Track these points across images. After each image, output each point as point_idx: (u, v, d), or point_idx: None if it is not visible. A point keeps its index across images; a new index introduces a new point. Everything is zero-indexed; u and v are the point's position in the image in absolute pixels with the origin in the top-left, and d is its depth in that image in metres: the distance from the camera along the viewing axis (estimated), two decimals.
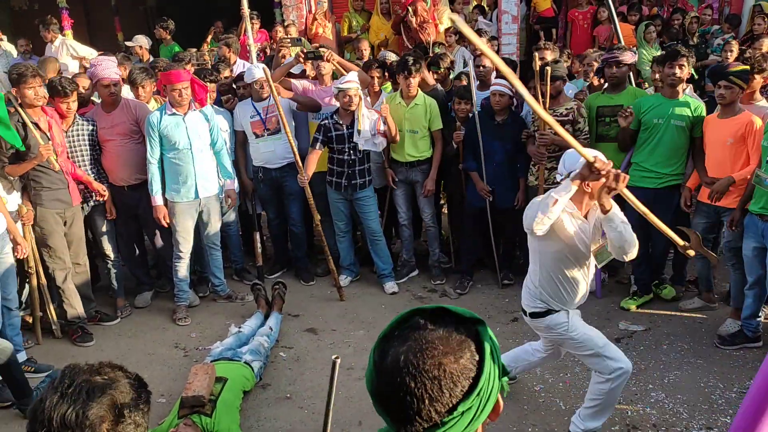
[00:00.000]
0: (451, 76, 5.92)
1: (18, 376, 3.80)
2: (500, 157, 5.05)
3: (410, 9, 6.84)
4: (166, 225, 4.96)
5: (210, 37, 8.96)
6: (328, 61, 5.29)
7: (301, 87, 5.51)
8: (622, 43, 4.86)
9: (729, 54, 6.32)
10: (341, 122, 5.06)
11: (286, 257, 5.92)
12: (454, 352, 1.02)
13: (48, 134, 4.44)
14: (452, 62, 5.98)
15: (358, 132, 4.99)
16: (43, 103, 4.44)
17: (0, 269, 4.12)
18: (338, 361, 1.60)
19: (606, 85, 5.14)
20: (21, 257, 4.32)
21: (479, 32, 6.52)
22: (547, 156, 4.76)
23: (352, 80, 4.95)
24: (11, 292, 4.24)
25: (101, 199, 4.91)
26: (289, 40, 5.85)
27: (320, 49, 5.33)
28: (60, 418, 1.29)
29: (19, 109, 4.34)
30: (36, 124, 4.38)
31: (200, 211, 5.05)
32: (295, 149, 4.95)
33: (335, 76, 5.43)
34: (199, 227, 5.17)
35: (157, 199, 4.90)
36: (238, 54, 7.13)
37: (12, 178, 4.43)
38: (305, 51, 5.30)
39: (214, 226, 5.18)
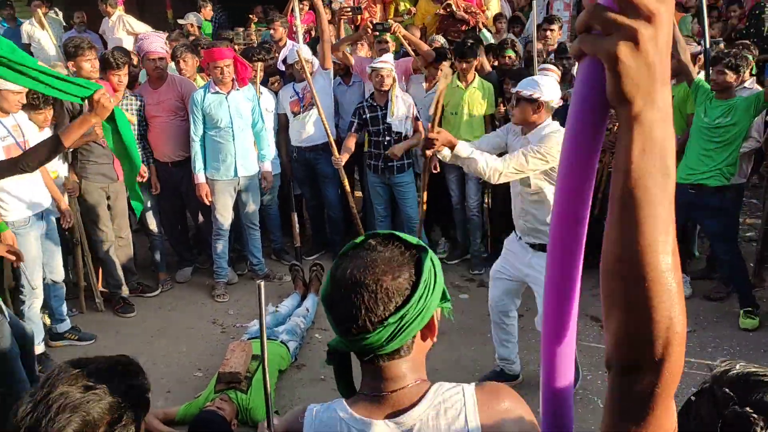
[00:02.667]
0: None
1: (29, 362, 3.68)
2: None
3: (452, 2, 6.74)
4: (208, 203, 5.01)
5: (254, 21, 8.95)
6: (395, 33, 5.28)
7: (360, 61, 5.52)
8: (707, 38, 4.65)
9: None
10: (376, 103, 5.05)
11: (324, 239, 5.94)
12: (393, 271, 1.14)
13: None
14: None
15: (391, 114, 4.97)
16: (98, 76, 4.52)
17: (46, 242, 4.23)
18: (262, 283, 2.15)
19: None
20: (66, 227, 4.42)
21: (552, 18, 6.40)
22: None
23: (386, 60, 4.94)
24: (57, 265, 4.35)
25: (140, 180, 4.95)
26: (349, 9, 5.84)
27: (388, 21, 5.34)
28: (26, 430, 1.24)
29: None
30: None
31: (239, 190, 5.09)
32: (329, 129, 4.94)
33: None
34: (238, 206, 5.21)
35: (200, 177, 4.95)
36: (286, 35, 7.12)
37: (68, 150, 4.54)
38: (374, 23, 5.32)
39: (252, 205, 5.21)
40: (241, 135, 4.93)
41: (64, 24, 8.72)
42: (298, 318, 4.49)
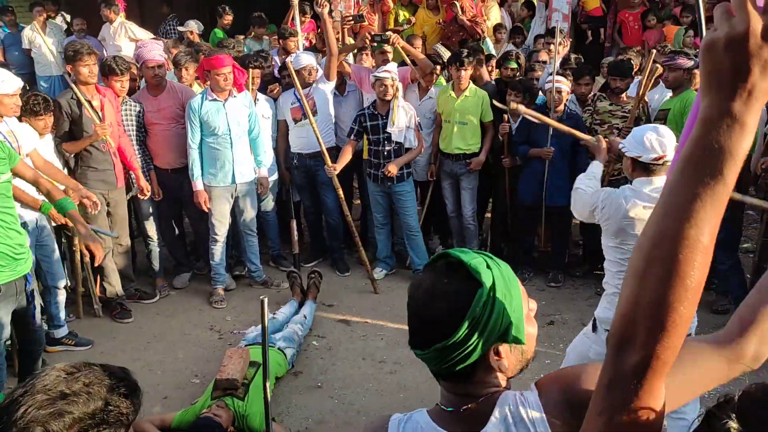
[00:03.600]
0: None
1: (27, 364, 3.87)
2: (555, 154, 5.01)
3: (458, 5, 6.77)
4: (206, 209, 5.02)
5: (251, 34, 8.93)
6: (394, 45, 5.32)
7: (359, 72, 5.56)
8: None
9: None
10: (377, 112, 5.07)
11: (322, 247, 5.95)
12: (441, 303, 1.14)
13: (100, 113, 4.53)
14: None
15: (392, 123, 4.99)
16: (96, 81, 4.54)
17: (43, 250, 4.24)
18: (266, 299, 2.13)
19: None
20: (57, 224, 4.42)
21: (553, 31, 6.45)
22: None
23: (389, 70, 4.97)
24: (58, 271, 4.35)
25: (141, 196, 4.94)
26: (351, 18, 5.88)
27: (387, 33, 5.40)
28: None
29: (74, 86, 4.44)
30: (89, 102, 4.48)
31: (236, 196, 5.10)
32: (321, 138, 4.97)
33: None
34: (235, 213, 5.22)
35: (198, 184, 4.95)
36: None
37: (68, 155, 4.57)
38: (372, 34, 5.36)
39: (250, 212, 5.22)
40: (238, 142, 4.94)
41: (70, 28, 8.73)
42: (296, 325, 4.49)
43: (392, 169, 5.06)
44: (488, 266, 1.17)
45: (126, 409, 1.26)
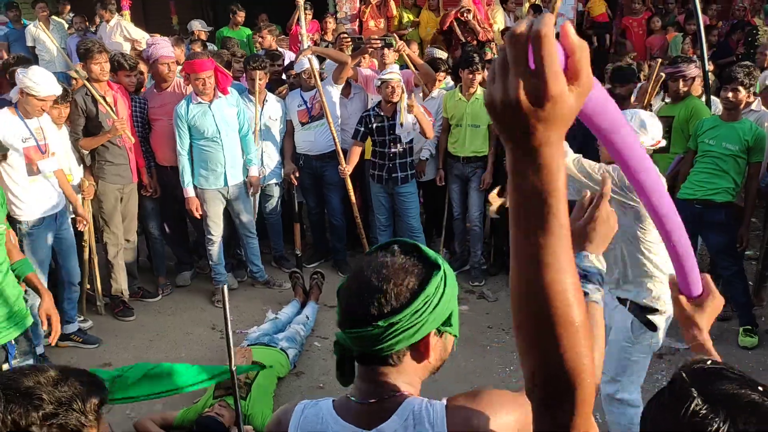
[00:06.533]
0: None
1: None
2: None
3: (467, 8, 6.78)
4: (198, 216, 4.99)
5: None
6: (399, 51, 5.33)
7: (364, 74, 5.57)
8: (706, 62, 4.69)
9: None
10: (383, 114, 5.07)
11: (325, 247, 5.94)
12: (399, 277, 1.17)
13: (114, 109, 4.57)
14: None
15: (400, 125, 4.99)
16: (108, 78, 4.58)
17: (61, 244, 4.25)
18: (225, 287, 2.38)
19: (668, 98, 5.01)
20: (81, 229, 4.44)
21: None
22: None
23: (394, 72, 4.97)
24: (74, 267, 4.36)
25: (145, 193, 5.00)
26: (348, 38, 5.92)
27: (390, 35, 5.45)
28: None
29: (87, 83, 4.47)
30: (104, 98, 4.51)
31: (230, 199, 5.06)
32: (337, 138, 4.97)
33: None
34: (231, 215, 5.21)
35: (189, 191, 4.91)
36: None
37: (85, 152, 4.59)
38: (377, 37, 5.42)
39: (246, 214, 5.18)
40: (229, 142, 4.90)
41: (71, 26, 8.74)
42: (298, 325, 4.49)
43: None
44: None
45: (90, 409, 1.16)
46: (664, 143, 3.21)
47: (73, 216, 4.45)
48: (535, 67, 0.67)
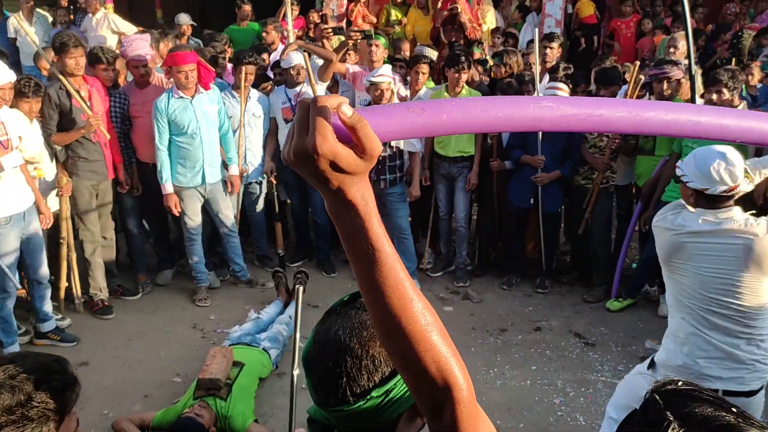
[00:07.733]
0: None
1: None
2: (548, 161, 5.00)
3: (458, 7, 6.74)
4: (176, 214, 4.92)
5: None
6: (377, 46, 5.30)
7: (351, 71, 5.51)
8: (693, 60, 4.68)
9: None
10: None
11: (308, 246, 5.89)
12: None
13: (89, 104, 4.46)
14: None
15: None
16: (83, 73, 4.48)
17: (28, 242, 4.15)
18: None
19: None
20: (45, 227, 4.34)
21: (552, 36, 6.38)
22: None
23: (384, 74, 4.91)
24: (41, 265, 4.26)
25: (121, 190, 4.92)
26: (330, 30, 5.85)
27: (370, 31, 5.40)
28: None
29: (62, 77, 4.37)
30: (78, 92, 4.41)
31: (207, 198, 4.99)
32: None
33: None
34: (210, 214, 5.14)
35: (167, 187, 4.81)
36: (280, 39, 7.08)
37: (58, 148, 4.49)
38: (355, 30, 5.35)
39: (226, 212, 5.11)
40: (208, 140, 4.83)
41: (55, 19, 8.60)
42: (281, 325, 4.44)
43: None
44: None
45: (54, 405, 1.21)
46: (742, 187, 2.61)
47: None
48: (309, 128, 0.78)
